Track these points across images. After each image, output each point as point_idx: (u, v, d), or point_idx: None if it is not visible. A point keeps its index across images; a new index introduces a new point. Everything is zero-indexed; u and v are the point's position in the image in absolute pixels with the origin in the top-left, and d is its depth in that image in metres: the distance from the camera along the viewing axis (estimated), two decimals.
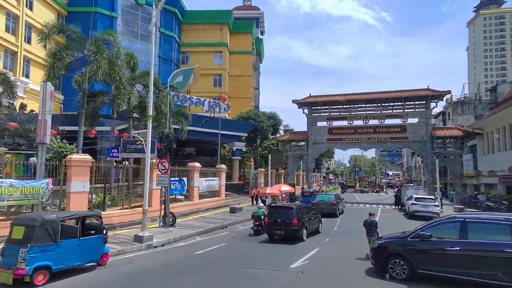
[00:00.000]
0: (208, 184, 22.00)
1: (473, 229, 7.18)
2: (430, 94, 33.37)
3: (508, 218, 6.86)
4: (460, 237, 7.15)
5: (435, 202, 20.22)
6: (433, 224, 7.85)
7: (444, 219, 7.82)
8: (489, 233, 7.03)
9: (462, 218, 7.42)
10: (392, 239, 8.41)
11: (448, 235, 7.51)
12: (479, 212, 7.42)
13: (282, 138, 37.45)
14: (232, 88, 52.39)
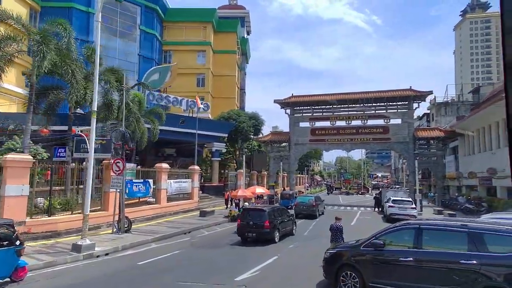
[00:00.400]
0: (178, 186, 20.95)
1: (428, 237, 6.41)
2: (412, 95, 33.01)
3: (465, 225, 6.10)
4: (414, 246, 6.37)
5: (412, 205, 19.61)
6: (387, 231, 7.05)
7: (399, 226, 7.03)
8: (445, 242, 6.26)
9: (417, 225, 6.63)
10: (344, 248, 7.59)
11: (403, 243, 6.72)
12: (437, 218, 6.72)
13: (264, 138, 36.62)
14: (216, 88, 51.44)
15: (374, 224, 19.28)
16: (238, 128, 35.10)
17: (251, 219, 13.18)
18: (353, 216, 23.47)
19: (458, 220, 6.83)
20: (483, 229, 5.91)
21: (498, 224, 6.58)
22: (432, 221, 6.73)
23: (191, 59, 48.78)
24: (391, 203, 20.12)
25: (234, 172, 33.33)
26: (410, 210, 19.37)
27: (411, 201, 19.78)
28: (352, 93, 35.51)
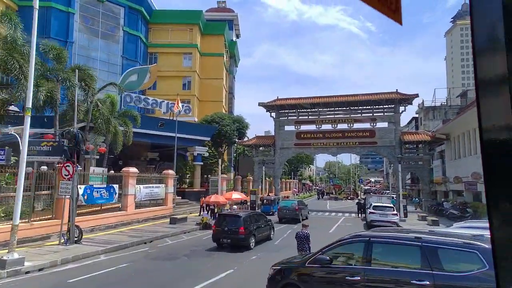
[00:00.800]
0: (149, 191, 19.84)
1: (378, 251, 5.47)
2: (398, 98, 32.42)
3: (419, 237, 5.17)
4: (363, 262, 5.42)
5: (393, 211, 18.74)
6: (336, 245, 6.10)
7: (348, 238, 6.08)
8: (397, 257, 5.33)
9: (367, 237, 5.69)
10: (289, 264, 6.61)
11: (352, 259, 5.77)
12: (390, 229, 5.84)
13: (248, 142, 35.66)
14: (203, 91, 50.50)
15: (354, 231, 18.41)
16: (221, 131, 34.10)
17: (226, 225, 13.09)
18: (334, 222, 22.55)
19: (411, 231, 5.90)
20: (438, 242, 4.99)
21: (459, 235, 5.67)
22: (384, 232, 5.78)
23: (177, 61, 47.91)
24: (371, 209, 19.24)
25: (215, 177, 32.24)
26: (391, 217, 18.50)
27: (392, 207, 18.90)
28: (338, 96, 34.82)
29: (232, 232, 12.74)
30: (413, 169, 32.94)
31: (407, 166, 32.80)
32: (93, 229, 14.86)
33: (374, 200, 23.93)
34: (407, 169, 33.00)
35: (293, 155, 37.42)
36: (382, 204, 19.53)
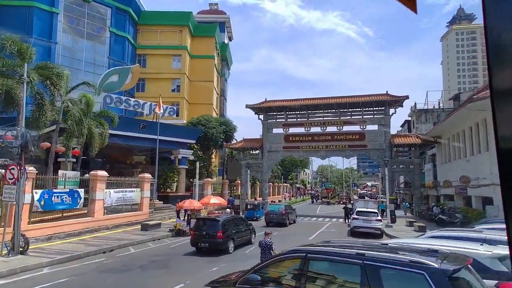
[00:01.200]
0: (122, 196, 18.80)
1: (315, 268, 4.53)
2: (388, 99, 31.62)
3: (361, 253, 4.22)
4: (297, 282, 4.47)
5: (377, 217, 17.77)
6: (271, 261, 5.14)
7: (285, 253, 5.12)
8: (334, 276, 4.38)
9: (304, 253, 4.73)
10: (224, 282, 5.63)
11: (285, 277, 4.81)
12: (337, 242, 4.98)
13: (235, 145, 34.70)
14: (193, 93, 49.65)
15: (336, 238, 17.40)
16: (207, 134, 33.13)
17: (205, 229, 13.15)
18: (318, 228, 21.57)
19: (357, 245, 4.94)
20: (381, 260, 4.04)
21: (413, 250, 4.71)
22: (324, 247, 4.83)
23: (166, 63, 47.14)
24: (354, 215, 18.27)
25: (200, 181, 31.21)
26: (375, 223, 17.52)
27: (376, 213, 17.92)
28: (327, 98, 34.00)
29: (210, 236, 12.77)
30: (404, 173, 32.06)
31: (397, 170, 31.95)
32: (50, 238, 13.82)
33: (360, 205, 22.97)
34: (398, 173, 32.13)
35: (282, 159, 36.43)
36: (366, 210, 18.55)
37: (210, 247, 12.78)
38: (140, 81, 47.48)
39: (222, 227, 12.94)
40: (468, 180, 20.51)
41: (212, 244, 12.72)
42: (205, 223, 13.50)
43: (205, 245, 12.81)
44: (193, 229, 13.69)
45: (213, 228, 12.92)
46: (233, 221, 14.28)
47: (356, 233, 18.01)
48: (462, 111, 20.11)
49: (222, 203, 21.66)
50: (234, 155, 37.22)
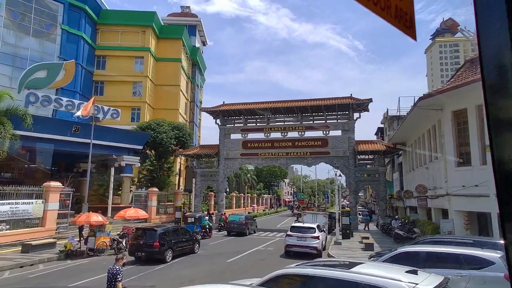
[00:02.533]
0: (9, 209, 15.60)
1: None
2: (351, 103, 29.36)
3: None
4: None
5: (315, 233, 14.99)
6: None
7: None
8: None
9: None
10: None
11: None
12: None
13: (188, 152, 31.76)
14: (158, 98, 46.91)
15: (267, 260, 14.60)
16: (156, 139, 30.16)
17: (142, 239, 13.62)
18: (258, 245, 18.68)
19: None
20: None
21: None
22: None
23: (128, 65, 44.39)
24: (289, 231, 15.48)
25: (143, 191, 28.06)
26: (311, 241, 14.73)
27: (314, 229, 15.14)
28: (288, 101, 31.60)
29: (147, 246, 13.28)
30: (368, 182, 29.58)
31: (362, 179, 29.45)
32: None
33: (308, 219, 20.22)
34: (362, 182, 29.64)
35: (239, 166, 33.61)
36: (302, 225, 15.75)
37: (147, 256, 13.35)
38: (98, 84, 44.69)
39: (160, 237, 13.43)
40: (424, 189, 18.03)
41: (148, 253, 13.29)
42: (144, 233, 13.96)
43: (142, 254, 13.41)
44: (131, 239, 14.24)
45: (150, 237, 13.41)
46: (173, 232, 14.74)
47: (289, 254, 15.22)
48: (416, 111, 17.78)
49: (141, 216, 18.55)
50: (189, 163, 34.23)
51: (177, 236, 14.63)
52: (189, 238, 15.56)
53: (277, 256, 14.98)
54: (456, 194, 15.27)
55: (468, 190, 14.51)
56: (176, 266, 13.10)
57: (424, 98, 15.71)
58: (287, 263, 12.42)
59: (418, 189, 18.14)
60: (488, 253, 7.27)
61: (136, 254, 13.46)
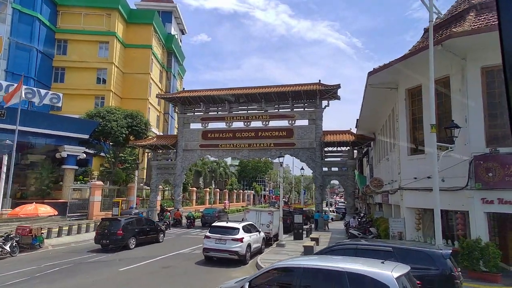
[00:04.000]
0: None
1: None
2: (319, 89, 26.63)
3: None
4: None
5: (237, 234, 12.36)
6: None
7: None
8: None
9: None
10: None
11: None
12: None
13: (142, 143, 28.97)
14: (126, 87, 44.08)
15: (183, 267, 12.01)
16: (104, 128, 27.33)
17: (107, 228, 14.87)
18: (191, 245, 16.08)
19: None
20: None
21: None
22: None
23: (91, 51, 41.47)
24: (208, 232, 12.83)
25: (84, 185, 25.26)
26: (232, 244, 12.09)
27: (237, 230, 12.51)
28: (252, 88, 28.87)
29: (111, 234, 14.57)
30: (336, 177, 26.96)
31: (329, 173, 26.86)
32: None
33: (251, 216, 17.57)
34: (329, 177, 27.03)
35: (198, 159, 30.90)
36: (224, 225, 13.11)
37: (111, 243, 14.54)
38: (59, 70, 41.76)
39: (123, 226, 14.84)
40: (379, 183, 15.44)
41: (112, 241, 14.52)
42: (110, 222, 15.30)
43: (107, 241, 14.62)
44: (97, 228, 15.48)
45: (115, 227, 14.78)
46: (137, 222, 16.24)
47: (207, 259, 12.60)
48: (370, 92, 15.12)
49: (43, 214, 15.74)
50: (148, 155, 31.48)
51: (141, 226, 16.18)
52: (154, 228, 17.21)
53: (192, 263, 12.33)
54: (408, 187, 12.69)
55: (420, 183, 11.93)
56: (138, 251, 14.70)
57: (373, 73, 13.05)
58: (196, 275, 9.97)
59: (373, 183, 15.55)
60: (384, 272, 4.66)
61: (101, 242, 14.75)
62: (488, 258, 9.29)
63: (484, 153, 10.07)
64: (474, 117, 10.41)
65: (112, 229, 14.58)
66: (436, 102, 12.02)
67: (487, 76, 10.54)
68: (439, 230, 8.92)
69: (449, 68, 11.36)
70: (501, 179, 9.69)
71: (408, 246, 6.74)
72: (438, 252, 6.36)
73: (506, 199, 9.64)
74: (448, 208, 11.33)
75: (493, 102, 10.48)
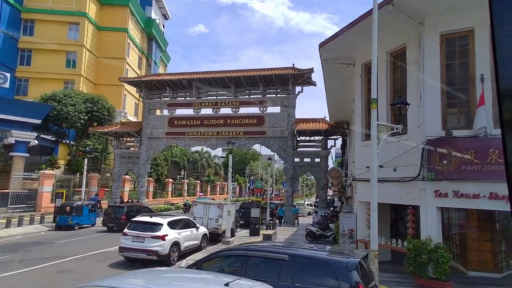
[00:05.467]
0: None
1: None
2: (292, 73, 24.71)
3: None
4: None
5: (159, 231, 10.58)
6: None
7: None
8: None
9: None
10: None
11: None
12: None
13: (103, 129, 26.96)
14: (99, 72, 41.83)
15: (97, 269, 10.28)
16: (60, 112, 25.28)
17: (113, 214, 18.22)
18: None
19: None
20: None
21: None
22: None
23: (60, 33, 39.06)
24: (126, 228, 11.06)
25: (26, 174, 23.20)
26: (150, 242, 10.34)
27: (159, 226, 10.73)
28: (221, 72, 26.88)
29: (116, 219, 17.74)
30: (308, 168, 25.26)
31: (301, 164, 25.16)
32: None
33: (198, 210, 15.82)
34: (301, 168, 25.32)
35: (164, 147, 29.06)
36: (145, 220, 11.31)
37: (116, 226, 16.89)
38: (25, 53, 39.36)
39: (126, 212, 17.48)
40: (338, 174, 13.80)
41: (117, 224, 16.99)
42: (114, 209, 18.36)
43: (113, 224, 17.44)
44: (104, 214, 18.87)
45: (119, 213, 17.76)
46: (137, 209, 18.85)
47: (129, 259, 10.85)
48: (329, 69, 13.29)
49: None
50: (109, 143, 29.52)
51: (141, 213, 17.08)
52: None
53: (104, 265, 10.57)
54: (360, 178, 10.98)
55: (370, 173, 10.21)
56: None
57: (324, 44, 11.20)
58: None
59: (331, 174, 13.88)
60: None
61: (108, 225, 17.59)
62: (436, 263, 7.65)
63: (439, 137, 8.34)
64: (430, 94, 8.66)
65: (117, 214, 17.67)
66: (392, 78, 10.28)
67: (447, 45, 8.75)
68: (374, 228, 7.25)
69: (406, 36, 9.55)
70: (456, 168, 7.99)
71: (308, 253, 5.00)
72: (339, 262, 4.64)
73: (462, 192, 7.96)
74: (400, 202, 9.67)
75: (453, 75, 8.72)
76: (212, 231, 15.33)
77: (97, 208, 20.16)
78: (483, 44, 8.19)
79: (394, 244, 9.37)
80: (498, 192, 7.52)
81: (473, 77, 8.31)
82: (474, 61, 8.31)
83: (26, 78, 38.60)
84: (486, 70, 8.12)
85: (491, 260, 9.03)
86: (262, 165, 49.37)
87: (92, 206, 18.98)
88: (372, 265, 6.98)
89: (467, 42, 8.53)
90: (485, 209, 8.12)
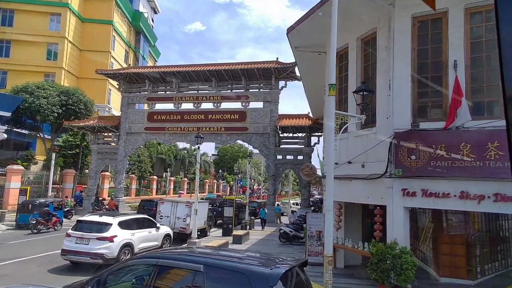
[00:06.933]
0: None
1: None
2: (275, 66, 23.82)
3: None
4: None
5: (107, 232, 9.65)
6: None
7: None
8: None
9: None
10: None
11: None
12: None
13: (78, 124, 25.84)
14: (82, 65, 40.50)
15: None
16: (31, 105, 24.11)
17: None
18: None
19: None
20: None
21: None
22: None
23: (41, 23, 37.74)
24: (71, 229, 10.08)
25: None
26: (96, 244, 9.39)
27: (108, 225, 9.79)
28: (202, 65, 25.91)
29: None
30: (291, 165, 24.43)
31: (283, 162, 24.34)
32: None
33: (165, 208, 14.88)
34: (283, 165, 24.49)
35: (144, 143, 28.04)
36: (92, 219, 10.32)
37: None
38: (4, 44, 37.96)
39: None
40: (311, 171, 12.93)
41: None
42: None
43: None
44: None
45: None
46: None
47: (73, 264, 9.89)
48: (302, 59, 12.44)
49: None
50: (86, 139, 28.38)
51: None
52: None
53: (43, 270, 9.58)
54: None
55: (341, 169, 9.39)
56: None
57: (292, 29, 10.32)
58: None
59: (304, 171, 13.02)
60: None
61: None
62: (400, 269, 6.84)
63: (408, 130, 7.52)
64: (400, 82, 7.83)
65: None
66: (363, 66, 9.44)
67: (418, 28, 7.92)
68: (330, 231, 6.39)
69: (377, 20, 8.72)
70: (425, 164, 7.18)
71: (225, 262, 4.13)
72: (260, 274, 3.78)
73: (431, 190, 7.16)
74: (368, 201, 8.87)
75: (425, 62, 7.90)
76: (179, 231, 14.43)
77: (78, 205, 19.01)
78: (457, 27, 7.39)
79: (360, 247, 8.55)
80: (470, 191, 6.73)
81: (446, 63, 7.50)
82: (448, 46, 7.50)
83: (5, 70, 37.25)
84: (460, 56, 7.32)
85: (465, 265, 8.26)
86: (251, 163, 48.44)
87: (58, 204, 17.90)
88: (325, 272, 6.17)
89: (440, 26, 7.71)
90: (455, 209, 7.33)
